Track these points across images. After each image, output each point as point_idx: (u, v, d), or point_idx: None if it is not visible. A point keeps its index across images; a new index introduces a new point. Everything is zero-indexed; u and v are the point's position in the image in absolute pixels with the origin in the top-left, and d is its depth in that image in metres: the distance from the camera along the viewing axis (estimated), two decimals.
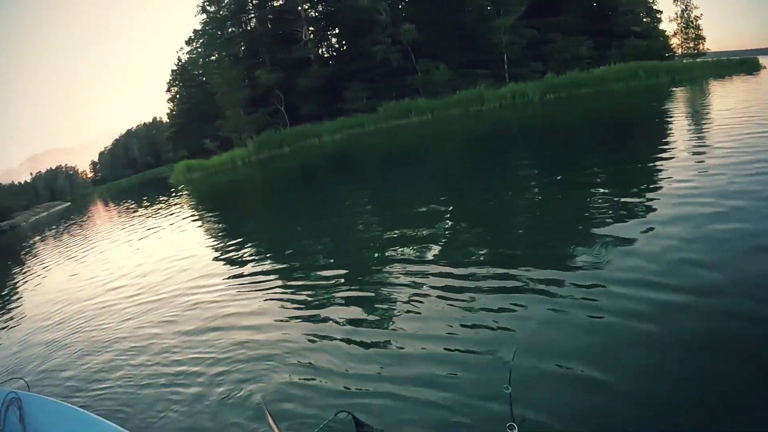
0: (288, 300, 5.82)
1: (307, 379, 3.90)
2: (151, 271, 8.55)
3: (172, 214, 16.55)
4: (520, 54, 31.64)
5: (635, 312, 3.79)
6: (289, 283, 6.42)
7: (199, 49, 45.04)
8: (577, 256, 5.16)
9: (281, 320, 5.24)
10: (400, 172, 14.93)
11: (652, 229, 5.54)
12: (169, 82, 46.89)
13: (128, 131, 73.14)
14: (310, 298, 5.72)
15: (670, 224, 5.54)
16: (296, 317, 5.28)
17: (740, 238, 4.73)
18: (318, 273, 6.54)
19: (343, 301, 5.34)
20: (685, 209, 6.03)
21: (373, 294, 5.40)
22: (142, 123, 72.91)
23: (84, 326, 6.42)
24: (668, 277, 4.27)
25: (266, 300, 5.94)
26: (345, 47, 36.67)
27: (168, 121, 47.15)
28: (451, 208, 8.95)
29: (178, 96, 46.14)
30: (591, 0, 37.45)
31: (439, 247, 6.59)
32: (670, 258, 4.65)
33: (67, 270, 11.43)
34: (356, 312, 5.01)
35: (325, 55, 38.29)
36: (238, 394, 3.80)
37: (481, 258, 5.85)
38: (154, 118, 67.33)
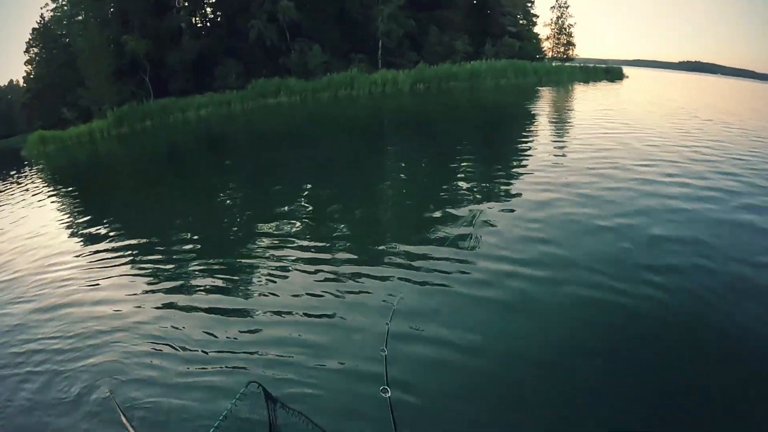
0: (148, 277, 5.77)
1: (161, 354, 3.89)
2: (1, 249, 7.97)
3: (26, 191, 14.83)
4: (396, 43, 32.23)
5: (494, 281, 4.39)
6: (149, 262, 6.30)
7: (65, 7, 40.12)
8: (442, 232, 5.73)
9: (136, 296, 5.17)
10: (271, 152, 14.60)
11: (511, 210, 6.41)
12: (28, 42, 41.26)
13: None
14: (171, 276, 5.65)
15: (526, 208, 6.44)
16: (154, 293, 5.23)
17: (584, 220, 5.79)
18: (180, 250, 6.50)
19: (208, 278, 5.29)
20: (540, 195, 6.96)
21: (241, 269, 5.40)
22: None
23: None
24: (519, 252, 5.03)
25: (123, 277, 5.85)
26: (220, 19, 34.67)
27: (24, 85, 41.53)
28: (325, 189, 9.10)
29: (37, 59, 40.78)
30: None
31: (312, 223, 6.80)
32: (523, 235, 5.45)
33: None
34: (222, 286, 4.99)
35: (199, 25, 35.92)
36: (88, 380, 3.69)
37: (355, 234, 6.20)
38: (10, 81, 59.31)
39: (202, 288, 5.17)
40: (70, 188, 15.15)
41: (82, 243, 7.94)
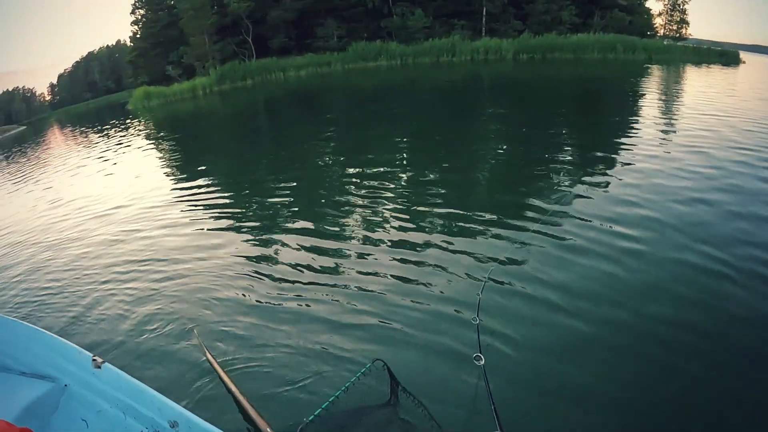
0: (245, 227, 5.71)
1: (258, 310, 3.73)
2: (102, 198, 8.23)
3: (128, 145, 15.61)
4: (500, 9, 30.57)
5: (599, 252, 4.06)
6: (242, 220, 6.25)
7: None
8: (537, 202, 5.44)
9: (237, 247, 5.14)
10: (369, 115, 14.41)
11: (606, 185, 5.91)
12: (134, 4, 43.60)
13: (90, 53, 68.80)
14: (262, 235, 5.54)
15: (623, 181, 5.96)
16: (254, 244, 5.14)
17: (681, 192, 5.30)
18: (274, 212, 6.34)
19: (299, 240, 5.14)
20: (638, 168, 6.38)
21: (330, 233, 5.23)
22: (105, 46, 68.78)
23: (34, 251, 6.08)
24: (615, 223, 4.67)
25: (217, 231, 5.78)
26: None
27: (131, 44, 44.07)
28: (418, 146, 8.96)
29: (143, 19, 43.07)
30: None
31: (403, 183, 6.62)
32: (621, 207, 5.07)
33: (18, 196, 10.76)
34: (311, 252, 4.78)
35: None
36: (176, 325, 3.64)
37: (445, 201, 5.95)
38: (118, 41, 63.42)
39: (297, 245, 4.99)
40: (172, 137, 15.87)
41: (178, 189, 8.11)
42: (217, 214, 6.31)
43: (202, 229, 5.84)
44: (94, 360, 2.55)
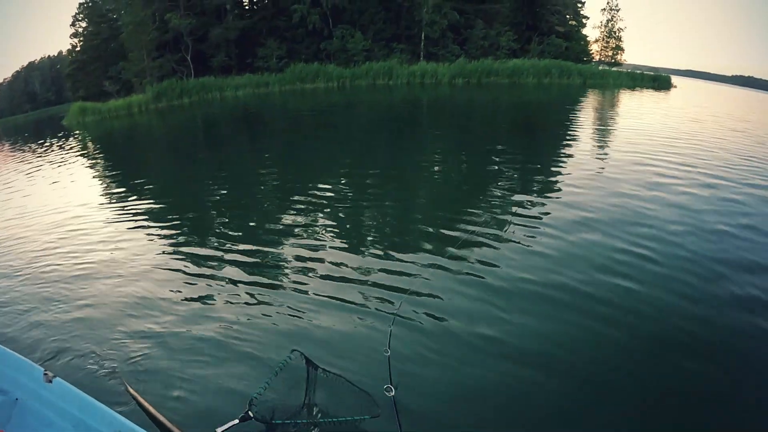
0: (174, 244, 5.80)
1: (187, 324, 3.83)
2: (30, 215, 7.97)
3: (61, 158, 15.09)
4: (439, 34, 31.31)
5: (504, 285, 4.15)
6: (176, 228, 6.43)
7: None
8: (456, 232, 5.44)
9: (165, 262, 5.19)
10: (309, 137, 14.56)
11: (534, 217, 5.95)
12: (74, 16, 42.23)
13: (30, 63, 66.03)
14: (199, 243, 5.67)
15: (549, 212, 6.09)
16: (182, 259, 5.23)
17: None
18: (211, 229, 6.40)
19: (234, 259, 5.31)
20: (565, 200, 6.54)
21: (266, 255, 5.28)
22: (47, 56, 66.21)
23: None
24: (532, 256, 4.71)
25: (150, 242, 5.87)
26: (266, 0, 34.48)
27: (70, 57, 42.51)
28: (350, 170, 9.05)
29: (84, 32, 41.68)
30: None
31: (338, 214, 6.62)
32: (543, 239, 5.13)
33: None
34: (245, 271, 4.84)
35: (245, 5, 35.86)
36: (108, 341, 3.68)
37: (368, 227, 6.03)
38: (60, 52, 61.13)
39: (218, 260, 5.16)
40: (103, 156, 15.47)
41: (106, 208, 7.94)
42: (148, 234, 6.35)
43: (131, 248, 5.84)
44: (45, 374, 2.66)
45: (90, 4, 42.49)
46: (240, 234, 6.09)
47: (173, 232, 6.40)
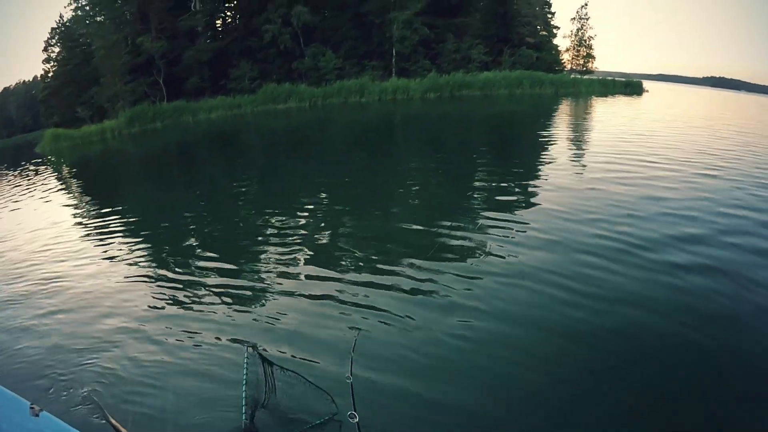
0: (151, 277, 5.81)
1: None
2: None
3: (33, 185, 15.18)
4: (411, 50, 31.68)
5: (465, 308, 4.16)
6: (145, 251, 6.67)
7: (87, 8, 40.70)
8: (431, 246, 5.49)
9: (135, 285, 5.41)
10: (284, 158, 14.73)
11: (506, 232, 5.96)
12: (46, 41, 42.00)
13: (6, 89, 65.75)
14: (174, 278, 5.64)
15: (522, 228, 6.05)
16: (150, 282, 5.46)
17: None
18: (188, 253, 6.52)
19: (212, 282, 5.29)
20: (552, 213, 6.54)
21: (236, 276, 5.41)
22: (22, 81, 65.94)
23: None
24: (496, 277, 4.68)
25: (122, 267, 6.08)
26: (237, 21, 34.66)
27: (43, 83, 42.21)
28: (322, 193, 9.16)
29: (58, 57, 41.42)
30: (495, 6, 38.26)
31: (309, 238, 6.68)
32: (517, 257, 5.14)
33: None
34: (213, 293, 4.97)
35: (219, 27, 35.99)
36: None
37: (340, 247, 6.03)
38: (35, 77, 60.88)
39: (200, 294, 5.21)
40: (77, 182, 15.64)
41: (80, 233, 8.16)
42: (122, 259, 6.51)
43: (104, 272, 6.00)
44: (31, 408, 2.58)
45: (62, 29, 42.31)
46: (215, 255, 6.26)
47: (147, 254, 6.70)
